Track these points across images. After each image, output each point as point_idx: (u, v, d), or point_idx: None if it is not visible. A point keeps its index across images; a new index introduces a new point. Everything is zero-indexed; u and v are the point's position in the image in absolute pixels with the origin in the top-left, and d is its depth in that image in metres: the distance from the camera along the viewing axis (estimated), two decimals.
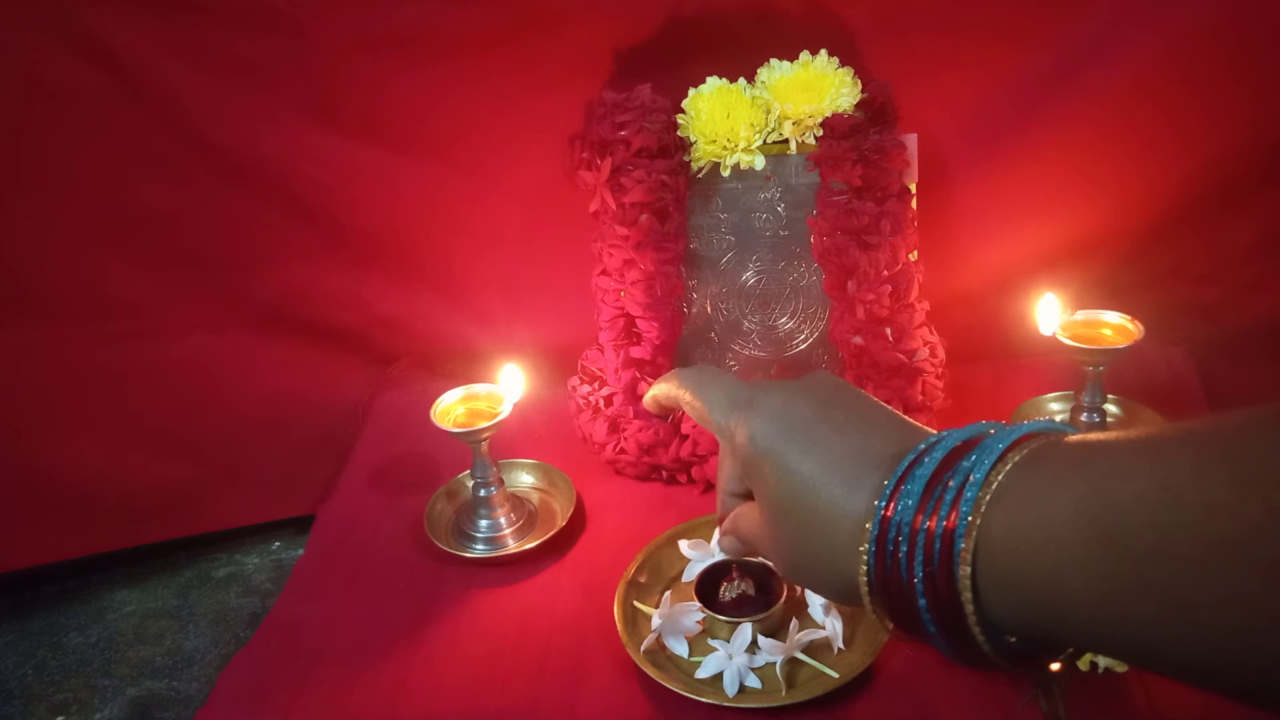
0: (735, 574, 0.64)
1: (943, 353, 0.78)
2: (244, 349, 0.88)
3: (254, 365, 0.89)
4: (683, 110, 0.75)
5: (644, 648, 0.62)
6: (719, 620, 0.62)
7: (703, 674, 0.61)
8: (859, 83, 0.74)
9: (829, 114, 0.73)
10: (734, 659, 0.60)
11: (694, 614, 0.64)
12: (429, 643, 0.66)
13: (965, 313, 0.85)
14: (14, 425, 0.82)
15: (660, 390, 0.53)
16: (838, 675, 0.59)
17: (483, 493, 0.75)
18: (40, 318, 0.81)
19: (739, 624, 0.62)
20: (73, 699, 0.76)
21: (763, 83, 0.75)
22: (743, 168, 0.75)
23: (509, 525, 0.75)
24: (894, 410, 0.42)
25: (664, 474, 0.80)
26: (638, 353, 0.78)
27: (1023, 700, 0.57)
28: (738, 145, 0.74)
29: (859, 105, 0.73)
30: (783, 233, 0.77)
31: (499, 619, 0.68)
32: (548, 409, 0.86)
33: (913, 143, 0.74)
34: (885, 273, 0.73)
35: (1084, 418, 0.75)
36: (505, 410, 0.72)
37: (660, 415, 0.78)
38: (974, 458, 0.34)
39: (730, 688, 0.59)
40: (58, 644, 0.81)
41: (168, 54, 0.75)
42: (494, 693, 0.62)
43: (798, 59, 0.74)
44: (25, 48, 0.73)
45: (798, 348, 0.81)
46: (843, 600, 0.40)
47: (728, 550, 0.50)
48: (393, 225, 0.86)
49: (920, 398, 0.76)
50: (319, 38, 0.76)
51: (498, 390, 0.74)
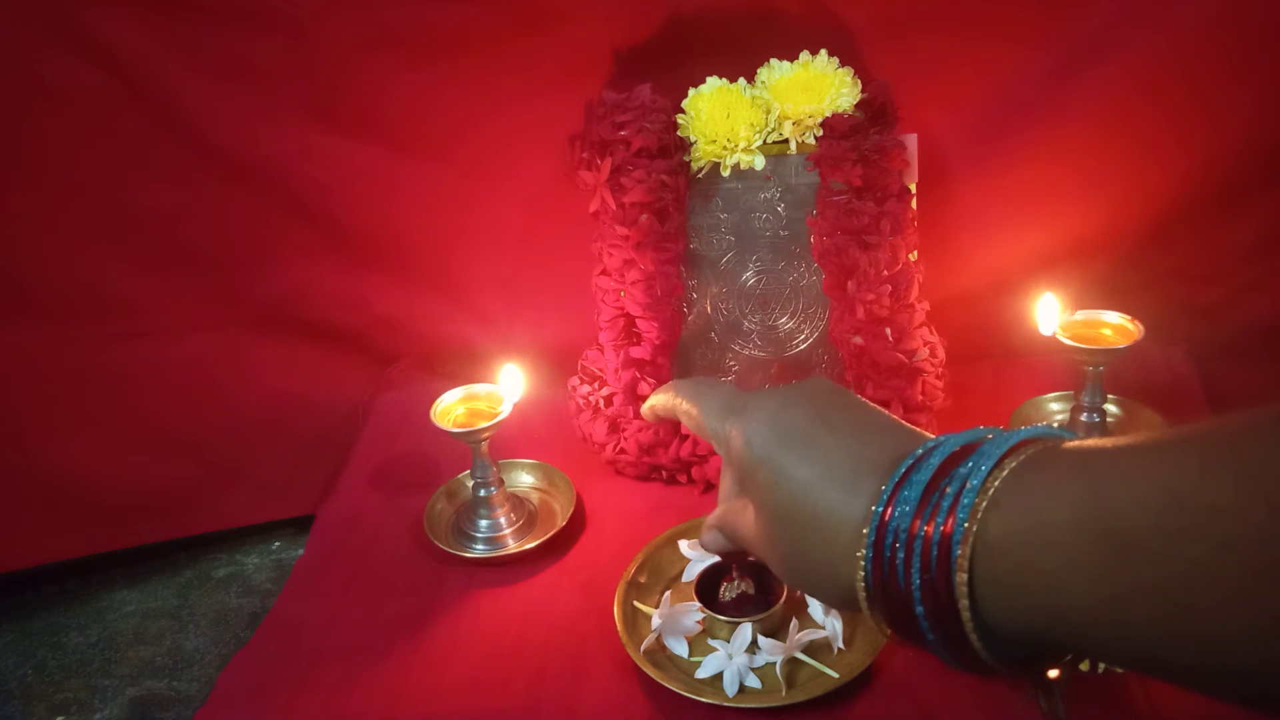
0: (735, 574, 0.64)
1: (943, 353, 0.78)
2: (244, 349, 0.88)
3: (254, 365, 0.89)
4: (683, 110, 0.75)
5: (644, 648, 0.62)
6: (719, 620, 0.62)
7: (703, 674, 0.61)
8: (859, 83, 0.74)
9: (829, 114, 0.73)
10: (734, 659, 0.60)
11: (694, 614, 0.64)
12: (429, 643, 0.66)
13: (965, 313, 0.85)
14: (14, 425, 0.82)
15: (658, 401, 0.53)
16: (838, 675, 0.59)
17: (483, 493, 0.75)
18: (40, 318, 0.81)
19: (739, 624, 0.62)
20: (73, 699, 0.76)
21: (763, 83, 0.75)
22: (743, 168, 0.75)
23: (509, 525, 0.75)
24: (891, 414, 0.42)
25: (664, 474, 0.80)
26: (638, 353, 0.78)
27: (1022, 700, 0.57)
28: (738, 145, 0.74)
29: (859, 105, 0.73)
30: (783, 233, 0.77)
31: (499, 619, 0.68)
32: (548, 409, 0.86)
33: (913, 143, 0.74)
34: (885, 273, 0.73)
35: (1084, 418, 0.75)
36: (505, 410, 0.72)
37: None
38: (971, 463, 0.34)
39: (730, 688, 0.59)
40: (58, 644, 0.81)
41: (168, 54, 0.75)
42: (494, 693, 0.62)
43: (798, 59, 0.74)
44: (25, 48, 0.73)
45: (798, 348, 0.81)
46: (841, 606, 0.40)
47: (709, 545, 0.49)
48: (393, 225, 0.86)
49: (920, 398, 0.76)
50: (319, 38, 0.76)
51: (498, 390, 0.75)
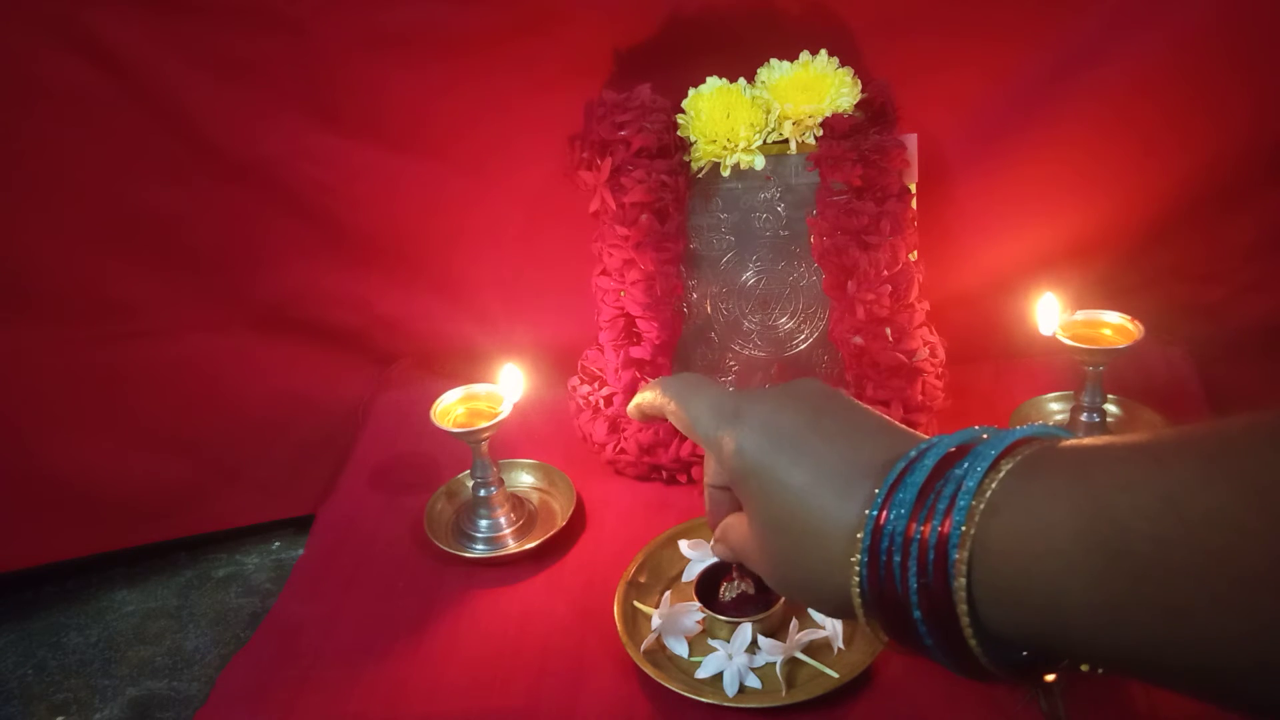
0: (735, 574, 0.64)
1: (943, 353, 0.78)
2: (244, 349, 0.88)
3: (254, 365, 0.89)
4: (683, 110, 0.75)
5: (644, 648, 0.62)
6: (719, 620, 0.62)
7: (703, 674, 0.61)
8: (859, 83, 0.74)
9: (829, 114, 0.73)
10: (734, 659, 0.60)
11: (694, 614, 0.64)
12: (429, 643, 0.66)
13: (965, 313, 0.85)
14: (14, 425, 0.82)
15: (644, 399, 0.52)
16: (838, 675, 0.59)
17: (483, 493, 0.75)
18: (40, 318, 0.81)
19: (739, 624, 0.62)
20: (73, 699, 0.76)
21: (763, 83, 0.75)
22: (743, 168, 0.75)
23: (509, 525, 0.75)
24: (884, 416, 0.41)
25: (664, 474, 0.80)
26: (638, 353, 0.78)
27: (1022, 700, 0.57)
28: (738, 145, 0.74)
29: (859, 105, 0.73)
30: (783, 233, 0.77)
31: (499, 619, 0.68)
32: (548, 409, 0.86)
33: (913, 143, 0.74)
34: (885, 273, 0.73)
35: (1084, 418, 0.75)
36: (505, 410, 0.72)
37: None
38: (966, 464, 0.34)
39: (730, 688, 0.59)
40: (58, 644, 0.81)
41: (168, 54, 0.75)
42: (494, 693, 0.62)
43: (798, 59, 0.74)
44: (25, 48, 0.73)
45: (798, 348, 0.81)
46: (837, 615, 0.39)
47: (722, 556, 0.49)
48: (393, 225, 0.86)
49: (920, 398, 0.76)
50: (319, 37, 0.76)
51: (498, 390, 0.75)
